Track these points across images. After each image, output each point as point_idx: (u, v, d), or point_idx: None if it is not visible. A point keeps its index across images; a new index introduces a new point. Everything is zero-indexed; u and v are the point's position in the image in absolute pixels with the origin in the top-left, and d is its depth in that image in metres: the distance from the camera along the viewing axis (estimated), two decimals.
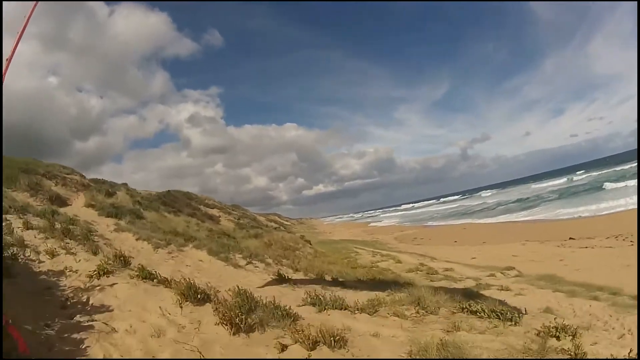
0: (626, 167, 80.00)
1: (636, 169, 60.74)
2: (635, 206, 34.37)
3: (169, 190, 32.02)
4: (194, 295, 5.93)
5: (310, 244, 31.12)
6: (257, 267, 11.94)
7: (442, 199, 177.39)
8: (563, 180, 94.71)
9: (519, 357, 4.51)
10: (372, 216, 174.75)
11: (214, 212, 40.61)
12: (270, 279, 9.77)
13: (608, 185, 57.45)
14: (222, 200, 66.99)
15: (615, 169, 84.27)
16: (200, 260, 11.59)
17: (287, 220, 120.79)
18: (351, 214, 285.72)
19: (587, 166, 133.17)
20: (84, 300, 6.09)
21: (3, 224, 9.16)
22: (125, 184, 29.21)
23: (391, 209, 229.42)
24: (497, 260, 23.30)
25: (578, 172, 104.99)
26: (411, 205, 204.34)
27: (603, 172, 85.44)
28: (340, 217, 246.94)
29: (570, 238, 27.78)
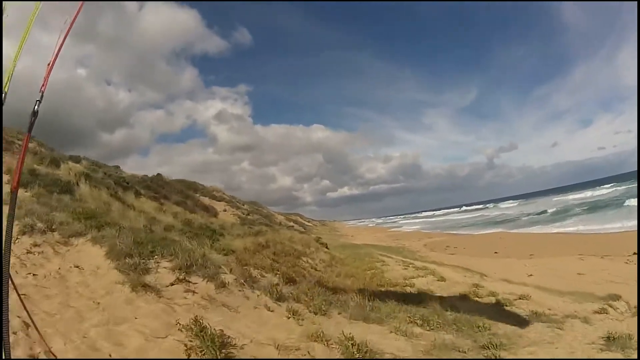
0: None
1: None
2: None
3: (159, 174, 26.99)
4: None
5: (327, 248, 25.42)
6: (191, 289, 6.15)
7: (465, 207, 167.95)
8: (595, 192, 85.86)
9: None
10: (396, 221, 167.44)
11: (219, 204, 35.66)
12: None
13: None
14: (246, 198, 63.18)
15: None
16: (78, 267, 6.10)
17: (308, 221, 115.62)
18: (374, 218, 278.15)
19: (616, 179, 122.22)
20: None
21: None
22: (116, 166, 24.78)
23: (414, 215, 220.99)
24: (562, 280, 17.63)
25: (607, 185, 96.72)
26: (432, 212, 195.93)
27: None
28: (363, 221, 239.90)
29: (634, 253, 21.65)
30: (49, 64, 3.13)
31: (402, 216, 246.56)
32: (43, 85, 3.10)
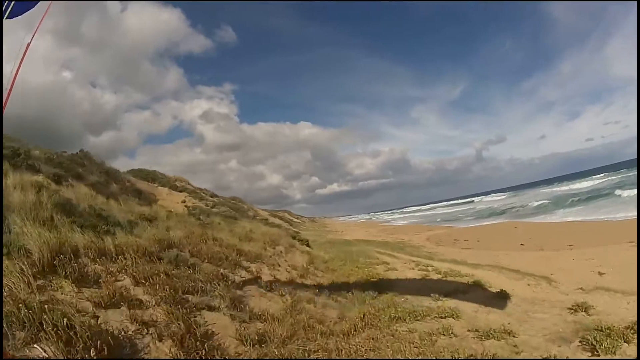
0: None
1: None
2: None
3: (82, 150, 20.19)
4: None
5: (308, 246, 18.65)
6: None
7: (456, 201, 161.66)
8: (589, 182, 79.89)
9: None
10: (387, 216, 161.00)
11: (178, 195, 28.75)
12: None
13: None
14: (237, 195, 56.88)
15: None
16: None
17: (297, 218, 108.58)
18: (365, 214, 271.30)
19: (606, 170, 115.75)
20: None
21: None
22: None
23: (404, 209, 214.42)
24: None
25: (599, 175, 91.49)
26: (425, 206, 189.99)
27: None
28: (353, 217, 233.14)
29: None
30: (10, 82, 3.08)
31: (391, 211, 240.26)
32: (5, 101, 3.08)
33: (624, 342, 5.86)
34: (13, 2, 3.38)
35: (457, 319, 7.50)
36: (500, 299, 8.55)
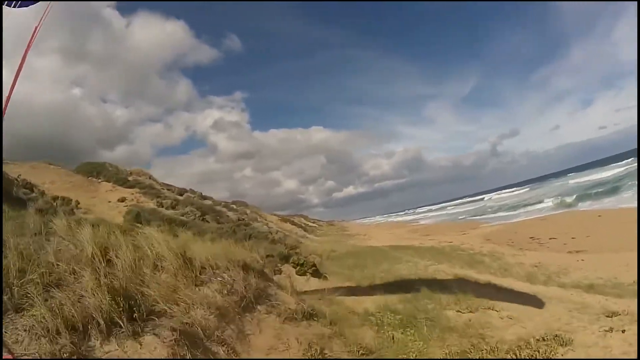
0: None
1: None
2: None
3: None
4: None
5: (315, 272, 8.84)
6: None
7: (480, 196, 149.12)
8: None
9: None
10: (410, 216, 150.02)
11: (122, 192, 20.29)
12: None
13: None
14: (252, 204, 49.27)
15: None
16: None
17: (313, 222, 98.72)
18: (385, 215, 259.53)
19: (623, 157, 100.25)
20: None
21: None
22: None
23: (422, 208, 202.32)
24: None
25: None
26: (449, 203, 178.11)
27: None
28: (372, 219, 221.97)
29: None
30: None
31: (412, 210, 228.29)
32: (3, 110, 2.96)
33: None
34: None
35: None
36: None
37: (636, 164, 63.46)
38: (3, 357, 2.33)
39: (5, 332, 3.15)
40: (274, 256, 11.25)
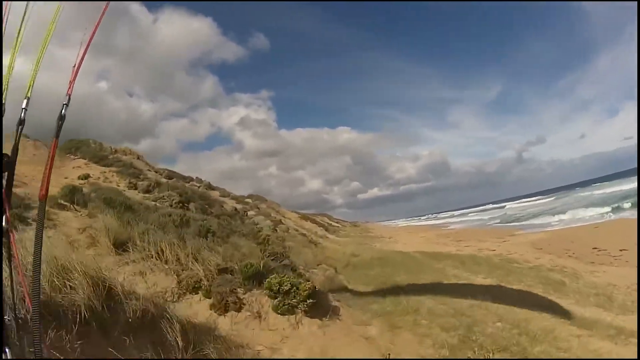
0: None
1: None
2: None
3: None
4: None
5: (312, 302, 4.98)
6: None
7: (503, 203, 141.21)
8: None
9: None
10: (430, 220, 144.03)
11: (89, 168, 17.62)
12: None
13: None
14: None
15: None
16: None
17: (336, 222, 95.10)
18: (407, 219, 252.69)
19: None
20: None
21: None
22: None
23: (449, 213, 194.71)
24: None
25: None
26: (478, 208, 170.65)
27: None
28: (396, 222, 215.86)
29: None
30: (74, 67, 2.84)
31: (433, 215, 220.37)
32: (69, 88, 2.80)
33: None
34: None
35: None
36: None
37: None
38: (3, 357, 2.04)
39: None
40: (233, 272, 7.11)
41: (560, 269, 14.40)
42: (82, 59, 2.86)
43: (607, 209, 40.16)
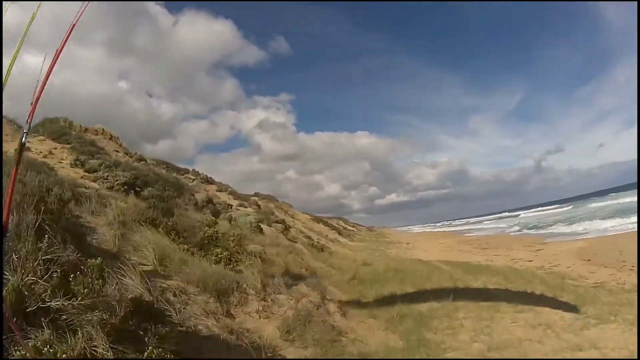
0: None
1: None
2: None
3: None
4: None
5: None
6: None
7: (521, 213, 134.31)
8: None
9: None
10: (445, 227, 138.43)
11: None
12: None
13: None
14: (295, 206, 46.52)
15: None
16: None
17: (352, 226, 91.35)
18: (424, 224, 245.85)
19: None
20: None
21: None
22: None
23: (464, 220, 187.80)
24: None
25: None
26: (497, 215, 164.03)
27: None
28: (413, 228, 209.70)
29: None
30: (34, 95, 2.80)
31: (448, 222, 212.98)
32: (30, 115, 2.85)
33: None
34: None
35: None
36: None
37: None
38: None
39: None
40: None
41: (633, 287, 10.64)
42: (46, 80, 2.75)
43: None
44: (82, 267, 4.41)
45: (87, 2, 3.11)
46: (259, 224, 20.18)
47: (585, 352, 6.99)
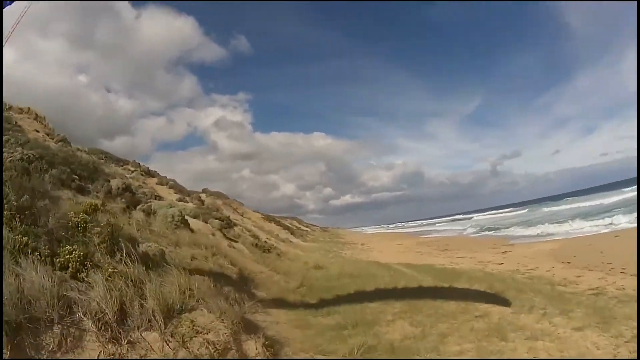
0: None
1: None
2: None
3: None
4: None
5: None
6: None
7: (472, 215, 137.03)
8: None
9: None
10: (398, 229, 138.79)
11: None
12: None
13: None
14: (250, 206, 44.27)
15: None
16: None
17: (306, 226, 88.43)
18: (378, 225, 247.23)
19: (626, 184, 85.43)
20: None
21: None
22: None
23: (417, 222, 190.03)
24: None
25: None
26: (449, 217, 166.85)
27: None
28: (367, 229, 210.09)
29: None
30: None
31: (400, 224, 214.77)
32: None
33: None
34: None
35: None
36: None
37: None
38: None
39: None
40: None
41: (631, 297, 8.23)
42: None
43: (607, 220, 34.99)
44: None
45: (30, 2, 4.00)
46: (187, 218, 16.59)
47: None
